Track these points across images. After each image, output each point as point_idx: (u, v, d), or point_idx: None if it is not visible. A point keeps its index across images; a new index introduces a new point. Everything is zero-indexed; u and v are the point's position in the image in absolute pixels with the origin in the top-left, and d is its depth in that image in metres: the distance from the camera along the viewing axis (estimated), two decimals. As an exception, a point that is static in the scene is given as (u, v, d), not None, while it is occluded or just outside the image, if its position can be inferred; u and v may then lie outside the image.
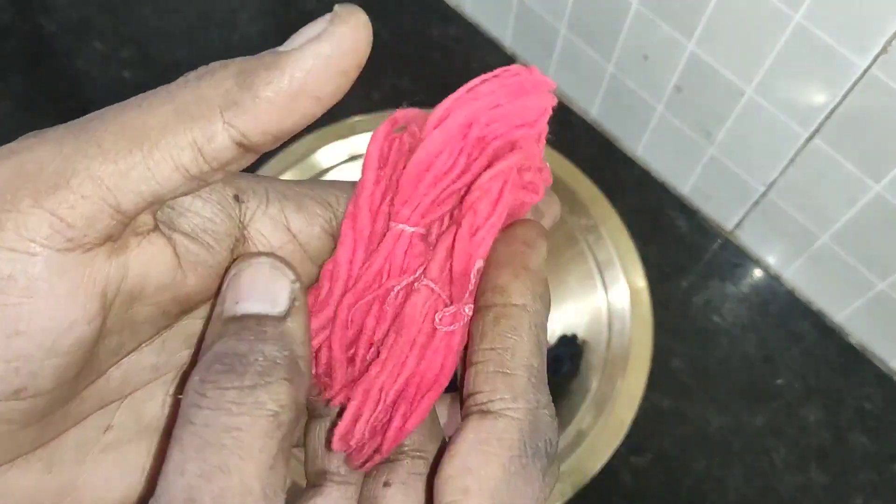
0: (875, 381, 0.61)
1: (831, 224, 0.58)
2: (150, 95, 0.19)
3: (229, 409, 0.17)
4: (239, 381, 0.17)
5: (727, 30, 0.55)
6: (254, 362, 0.17)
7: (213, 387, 0.17)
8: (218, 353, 0.18)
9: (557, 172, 0.61)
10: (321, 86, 0.18)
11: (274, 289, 0.19)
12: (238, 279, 0.19)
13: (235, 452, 0.16)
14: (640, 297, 0.56)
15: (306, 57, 0.18)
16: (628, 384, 0.53)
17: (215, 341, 0.18)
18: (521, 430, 0.19)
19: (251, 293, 0.19)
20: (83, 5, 0.78)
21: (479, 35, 0.77)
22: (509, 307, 0.20)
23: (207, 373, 0.17)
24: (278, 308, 0.19)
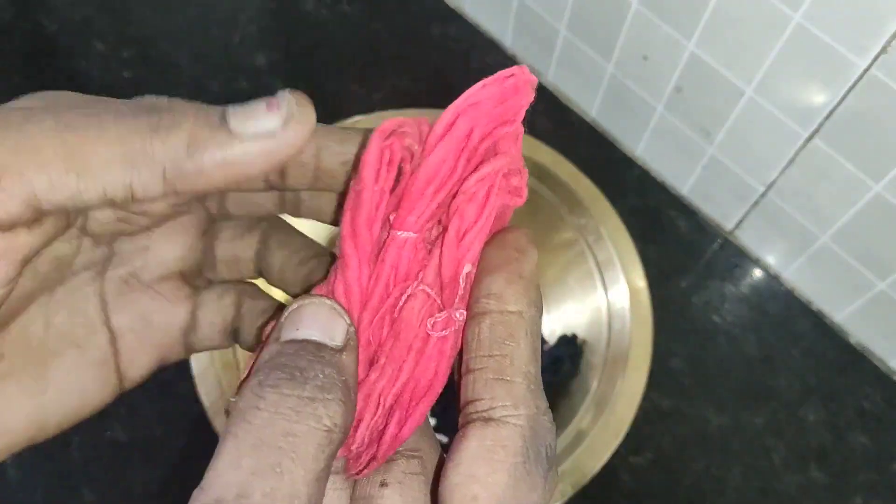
0: (874, 380, 0.61)
1: (831, 224, 0.58)
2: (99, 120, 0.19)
3: (288, 415, 0.17)
4: (300, 391, 0.18)
5: (727, 30, 0.55)
6: (314, 377, 0.18)
7: (274, 391, 0.18)
8: (278, 363, 0.18)
9: (557, 172, 0.61)
10: (259, 169, 0.20)
11: (332, 325, 0.20)
12: (299, 312, 0.20)
13: (289, 455, 0.17)
14: (640, 297, 0.56)
15: (254, 149, 0.19)
16: (628, 384, 0.53)
17: (274, 356, 0.19)
18: (523, 436, 0.19)
19: (312, 324, 0.19)
20: (84, 5, 0.78)
21: (480, 35, 0.77)
22: (506, 314, 0.20)
23: (267, 378, 0.18)
24: (336, 342, 0.19)
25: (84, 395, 0.23)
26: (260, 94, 0.67)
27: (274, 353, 0.19)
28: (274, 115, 0.20)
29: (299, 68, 0.74)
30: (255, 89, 0.73)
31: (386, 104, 0.72)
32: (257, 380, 0.18)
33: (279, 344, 0.19)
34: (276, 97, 0.20)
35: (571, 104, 0.73)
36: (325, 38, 0.77)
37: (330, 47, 0.76)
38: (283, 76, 0.73)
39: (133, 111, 0.19)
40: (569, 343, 0.58)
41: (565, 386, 0.57)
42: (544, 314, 0.67)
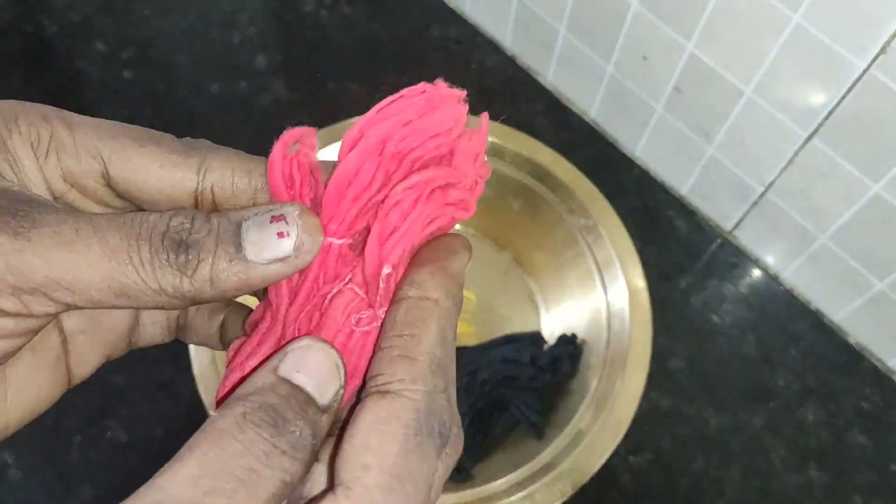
0: (874, 380, 0.61)
1: (830, 224, 0.59)
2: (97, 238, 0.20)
3: (258, 455, 0.19)
4: (276, 441, 0.19)
5: (726, 31, 0.55)
6: (292, 433, 0.19)
7: (255, 431, 0.19)
8: (269, 405, 0.19)
9: (557, 173, 0.61)
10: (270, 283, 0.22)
11: (328, 381, 0.21)
12: (306, 354, 0.21)
13: (247, 489, 0.18)
14: (640, 297, 0.56)
15: (269, 272, 0.21)
16: (627, 384, 0.53)
17: (268, 390, 0.20)
18: (417, 410, 0.20)
19: (312, 372, 0.20)
20: (84, 6, 0.78)
21: (479, 36, 0.77)
22: (422, 300, 0.21)
23: (253, 414, 0.19)
24: (324, 400, 0.20)
25: (39, 395, 0.24)
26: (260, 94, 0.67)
27: (267, 386, 0.20)
28: (285, 242, 0.21)
29: (299, 69, 0.74)
30: (255, 90, 0.73)
31: (386, 105, 0.72)
32: (242, 410, 0.19)
33: (275, 377, 0.20)
34: (285, 217, 0.21)
35: (571, 104, 0.73)
36: (325, 39, 0.77)
37: (330, 48, 0.76)
38: (284, 77, 0.73)
39: (168, 247, 0.21)
40: (568, 343, 0.58)
41: (565, 386, 0.57)
42: (544, 314, 0.67)
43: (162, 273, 0.20)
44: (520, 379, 0.56)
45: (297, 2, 0.79)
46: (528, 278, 0.64)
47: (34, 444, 0.57)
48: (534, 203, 0.62)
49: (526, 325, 0.62)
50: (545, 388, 0.57)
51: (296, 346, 0.21)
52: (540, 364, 0.57)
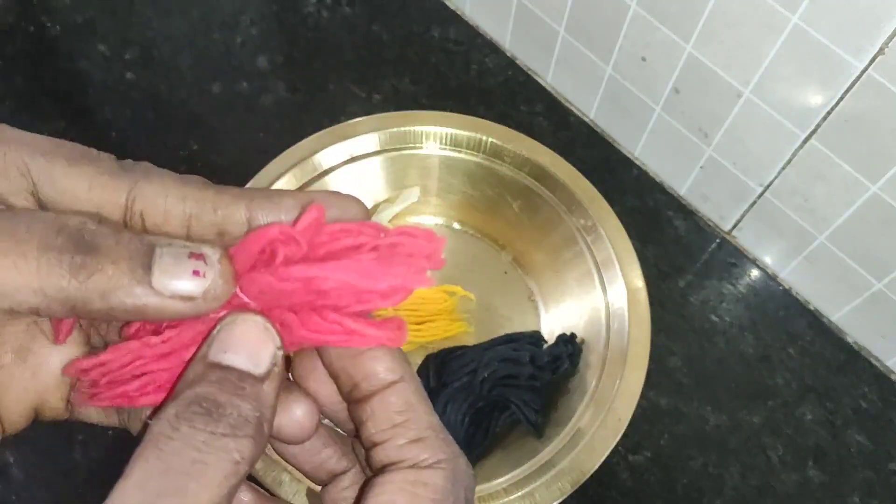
0: (872, 379, 0.62)
1: (828, 224, 0.59)
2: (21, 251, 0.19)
3: (199, 447, 0.18)
4: (213, 427, 0.19)
5: (725, 32, 0.55)
6: (229, 414, 0.19)
7: (188, 425, 0.19)
8: (199, 395, 0.19)
9: (556, 173, 0.61)
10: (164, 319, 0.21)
11: (260, 350, 0.20)
12: (231, 330, 0.20)
13: (196, 480, 0.18)
14: (639, 297, 0.57)
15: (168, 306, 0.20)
16: (626, 383, 0.53)
17: (197, 381, 0.20)
18: (446, 478, 0.20)
19: (240, 348, 0.20)
20: (86, 7, 0.79)
21: (479, 37, 0.77)
22: (392, 385, 0.21)
23: (185, 411, 0.19)
24: (260, 369, 0.20)
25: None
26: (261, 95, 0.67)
27: (197, 378, 0.20)
28: (198, 282, 0.20)
29: (300, 70, 0.75)
30: (256, 91, 0.73)
31: (386, 106, 0.73)
32: (174, 410, 0.19)
33: (204, 365, 0.20)
34: (204, 257, 0.20)
35: (570, 105, 0.74)
36: (325, 41, 0.77)
37: (330, 49, 0.76)
38: (284, 78, 0.74)
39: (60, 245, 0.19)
40: (567, 342, 0.58)
41: (564, 385, 0.58)
42: (543, 314, 0.67)
43: (48, 270, 0.19)
44: (519, 378, 0.57)
45: (298, 3, 0.79)
46: (527, 278, 0.64)
47: (36, 443, 0.57)
48: (533, 203, 0.63)
49: (525, 325, 0.62)
50: (544, 388, 0.57)
51: (220, 327, 0.21)
52: (539, 363, 0.57)
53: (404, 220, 0.66)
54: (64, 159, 0.21)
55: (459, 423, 0.55)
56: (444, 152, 0.64)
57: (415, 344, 0.61)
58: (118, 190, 0.21)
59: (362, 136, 0.63)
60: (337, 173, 0.63)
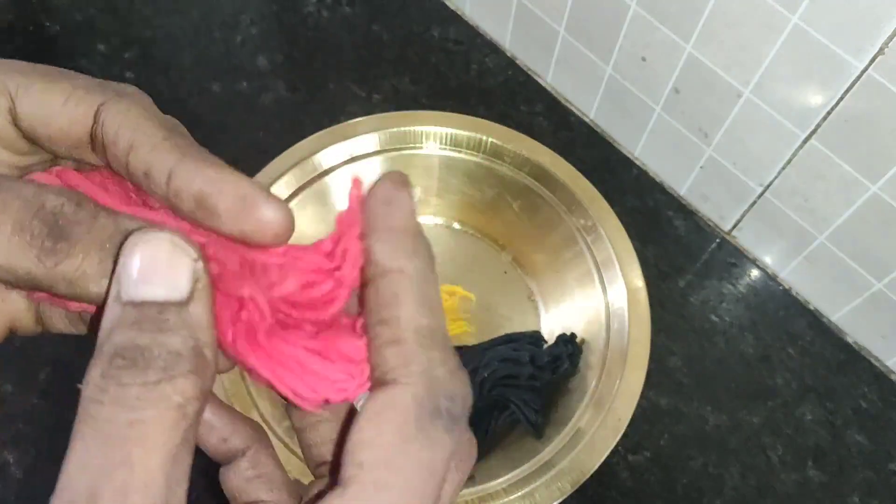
0: (872, 379, 0.62)
1: (828, 224, 0.59)
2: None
3: (133, 404, 0.17)
4: (142, 377, 0.17)
5: (725, 32, 0.55)
6: (157, 357, 0.17)
7: (115, 383, 0.17)
8: (118, 347, 0.17)
9: (556, 173, 0.61)
10: None
11: (175, 270, 0.18)
12: (133, 257, 0.18)
13: (139, 445, 0.17)
14: (639, 297, 0.57)
15: None
16: (627, 383, 0.53)
17: (114, 328, 0.18)
18: (413, 394, 0.18)
19: (151, 275, 0.18)
20: (86, 6, 0.79)
21: (480, 37, 0.77)
22: (386, 275, 0.19)
23: (109, 367, 0.17)
24: (180, 293, 0.18)
25: None
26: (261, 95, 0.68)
27: (114, 324, 0.18)
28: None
29: (300, 70, 0.75)
30: (256, 90, 0.73)
31: (386, 105, 0.73)
32: (99, 370, 0.17)
33: (119, 307, 0.18)
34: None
35: (570, 105, 0.74)
36: (325, 40, 0.77)
37: (331, 49, 0.76)
38: (284, 78, 0.74)
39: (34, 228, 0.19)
40: (567, 342, 0.58)
41: (564, 385, 0.58)
42: (543, 314, 0.67)
43: (19, 252, 0.18)
44: (519, 378, 0.57)
45: (298, 3, 0.79)
46: (527, 278, 0.64)
47: (36, 443, 0.57)
48: (533, 203, 0.63)
49: (525, 325, 0.62)
50: (544, 388, 0.57)
51: (122, 254, 0.18)
52: (539, 363, 0.57)
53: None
54: (41, 76, 0.21)
55: (459, 423, 0.55)
56: (444, 152, 0.64)
57: (415, 344, 0.61)
58: (91, 105, 0.21)
59: (362, 135, 0.63)
60: (337, 173, 0.63)
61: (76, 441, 0.17)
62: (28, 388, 0.59)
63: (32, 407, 0.58)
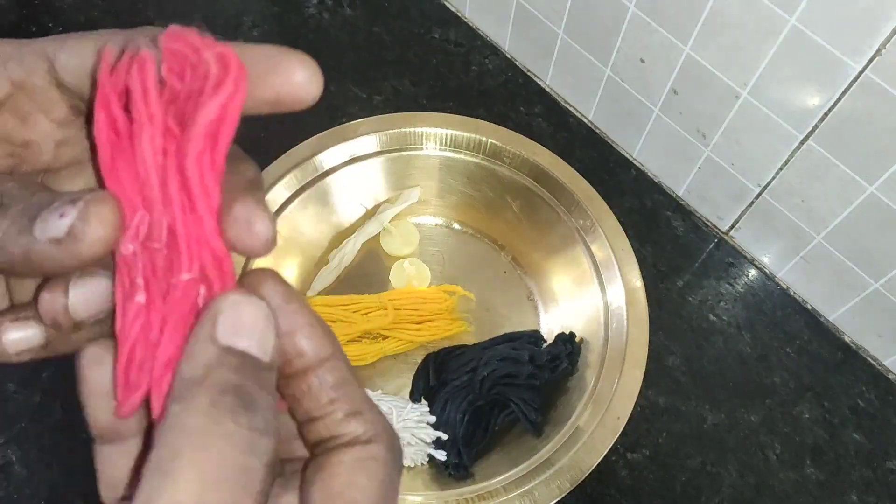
0: (869, 378, 0.62)
1: (826, 224, 0.59)
2: None
3: (245, 448, 0.17)
4: (251, 423, 0.18)
5: (723, 33, 0.55)
6: (262, 408, 0.18)
7: (231, 419, 0.17)
8: (229, 384, 0.18)
9: (555, 173, 0.62)
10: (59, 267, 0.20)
11: (267, 337, 0.19)
12: (239, 311, 0.19)
13: (246, 491, 0.17)
14: (637, 297, 0.57)
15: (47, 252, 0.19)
16: (625, 382, 0.54)
17: (215, 367, 0.18)
18: (386, 448, 0.21)
19: (252, 332, 0.19)
20: (89, 8, 0.79)
21: (479, 38, 0.78)
22: (326, 363, 0.21)
23: (222, 400, 0.18)
24: (268, 357, 0.19)
25: None
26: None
27: (215, 362, 0.18)
28: (62, 222, 0.19)
29: (301, 71, 0.75)
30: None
31: (387, 107, 0.73)
32: (209, 399, 0.17)
33: (217, 348, 0.19)
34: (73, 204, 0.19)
35: (569, 106, 0.74)
36: (326, 42, 0.77)
37: (331, 51, 0.77)
38: (285, 79, 0.74)
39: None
40: (567, 341, 0.58)
41: (563, 384, 0.58)
42: (542, 313, 0.67)
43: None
44: (518, 377, 0.57)
45: (299, 5, 0.80)
46: (526, 278, 0.65)
47: (39, 441, 0.58)
48: (533, 204, 0.63)
49: (525, 324, 0.62)
50: (544, 387, 0.57)
51: (224, 304, 0.19)
52: (538, 362, 0.57)
53: (404, 220, 0.67)
54: (76, 36, 0.23)
55: (459, 422, 0.56)
56: (445, 153, 0.64)
57: (415, 343, 0.61)
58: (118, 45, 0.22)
59: (363, 137, 0.63)
60: (338, 174, 0.63)
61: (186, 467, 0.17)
62: (31, 387, 0.59)
63: (35, 406, 0.59)
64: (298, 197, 0.62)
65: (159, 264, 0.20)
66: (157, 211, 0.20)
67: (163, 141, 0.20)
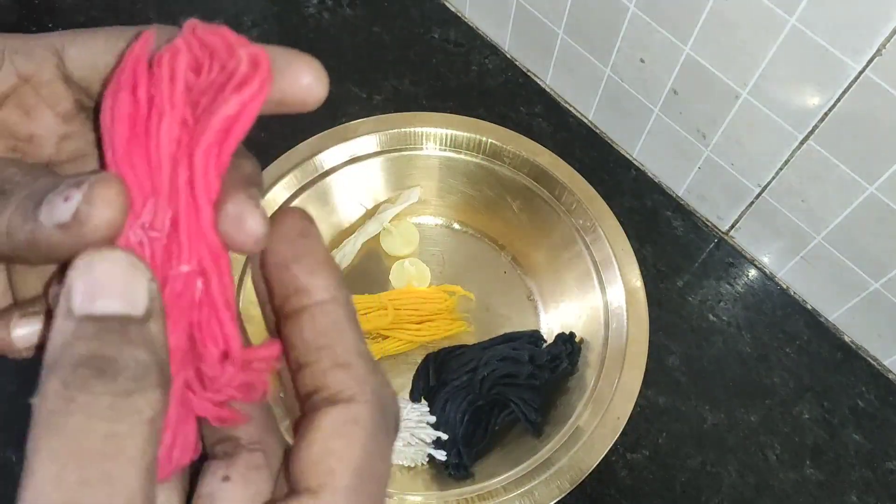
0: (869, 378, 0.62)
1: (826, 224, 0.59)
2: None
3: (106, 415, 0.16)
4: (113, 387, 0.16)
5: (723, 33, 0.55)
6: (126, 367, 0.17)
7: (84, 392, 0.16)
8: (81, 357, 0.17)
9: (555, 173, 0.62)
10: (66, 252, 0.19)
11: (133, 287, 0.18)
12: (91, 272, 0.18)
13: (116, 460, 0.16)
14: (637, 297, 0.57)
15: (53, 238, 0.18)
16: (625, 382, 0.54)
17: (71, 341, 0.17)
18: (372, 411, 0.19)
19: (109, 291, 0.18)
20: (89, 8, 0.79)
21: (479, 38, 0.78)
22: (321, 305, 0.20)
23: (73, 377, 0.16)
24: (138, 309, 0.18)
25: None
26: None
27: (70, 338, 0.17)
28: (67, 206, 0.18)
29: (301, 71, 0.75)
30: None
31: (387, 107, 0.73)
32: (60, 380, 0.16)
33: (74, 322, 0.17)
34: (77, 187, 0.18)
35: (569, 106, 0.74)
36: (326, 42, 0.77)
37: (331, 50, 0.77)
38: (285, 78, 0.74)
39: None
40: (567, 341, 0.58)
41: (563, 384, 0.58)
42: (542, 313, 0.68)
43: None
44: (518, 377, 0.57)
45: (299, 5, 0.80)
46: (526, 278, 0.65)
47: (39, 441, 0.58)
48: (532, 204, 0.63)
49: (525, 324, 0.62)
50: (544, 386, 0.57)
51: (76, 271, 0.18)
52: (538, 362, 0.57)
53: (404, 220, 0.67)
54: (84, 32, 0.23)
55: (459, 422, 0.56)
56: (445, 153, 0.64)
57: (415, 343, 0.61)
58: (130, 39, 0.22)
59: (363, 137, 0.63)
60: (338, 174, 0.63)
61: (42, 455, 0.16)
62: (31, 387, 0.59)
63: (35, 406, 0.59)
64: (298, 197, 0.62)
65: (157, 254, 0.19)
66: (163, 199, 0.19)
67: (179, 130, 0.19)
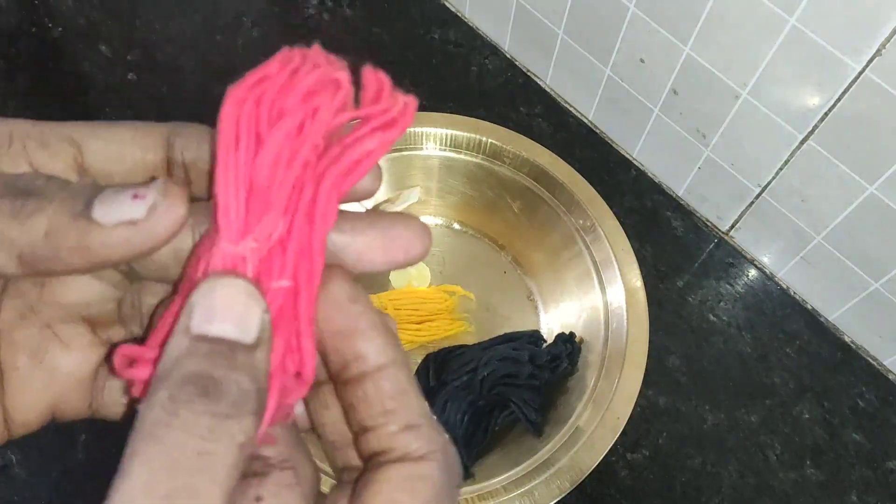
0: (869, 378, 0.62)
1: (826, 225, 0.59)
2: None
3: (203, 434, 0.17)
4: (214, 408, 0.17)
5: (723, 33, 0.55)
6: (228, 392, 0.17)
7: (187, 409, 0.17)
8: (191, 374, 0.18)
9: (555, 173, 0.62)
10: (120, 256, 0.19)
11: (247, 316, 0.19)
12: (212, 296, 0.19)
13: (205, 475, 0.17)
14: (637, 297, 0.57)
15: (114, 237, 0.18)
16: (625, 382, 0.54)
17: (184, 357, 0.18)
18: (439, 469, 0.20)
19: (226, 315, 0.19)
20: (89, 9, 0.79)
21: (479, 39, 0.78)
22: (382, 370, 0.20)
23: (179, 392, 0.17)
24: (250, 337, 0.19)
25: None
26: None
27: (183, 353, 0.18)
28: (138, 203, 0.18)
29: (301, 71, 0.75)
30: (257, 92, 0.73)
31: (387, 106, 0.73)
32: (168, 393, 0.17)
33: (189, 339, 0.18)
34: (145, 187, 0.19)
35: (569, 106, 0.74)
36: (326, 42, 0.77)
37: (331, 51, 0.76)
38: (286, 79, 0.74)
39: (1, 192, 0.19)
40: (567, 341, 0.58)
41: (563, 384, 0.58)
42: (543, 313, 0.68)
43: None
44: (519, 377, 0.57)
45: (299, 5, 0.80)
46: (526, 278, 0.65)
47: (39, 443, 0.58)
48: (532, 204, 0.63)
49: (525, 324, 0.62)
50: (544, 387, 0.57)
51: (199, 293, 0.19)
52: (538, 362, 0.57)
53: (405, 220, 0.67)
54: (100, 124, 0.22)
55: (459, 422, 0.56)
56: (444, 153, 0.64)
57: (415, 343, 0.61)
58: (160, 134, 0.22)
59: (363, 137, 0.63)
60: (338, 174, 0.63)
61: (138, 460, 0.17)
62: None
63: (36, 406, 0.59)
64: (298, 197, 0.62)
65: (254, 265, 0.20)
66: (278, 215, 0.20)
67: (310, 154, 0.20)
